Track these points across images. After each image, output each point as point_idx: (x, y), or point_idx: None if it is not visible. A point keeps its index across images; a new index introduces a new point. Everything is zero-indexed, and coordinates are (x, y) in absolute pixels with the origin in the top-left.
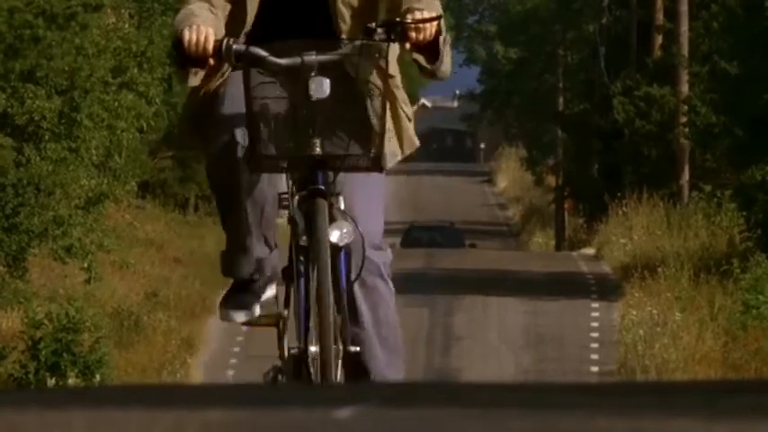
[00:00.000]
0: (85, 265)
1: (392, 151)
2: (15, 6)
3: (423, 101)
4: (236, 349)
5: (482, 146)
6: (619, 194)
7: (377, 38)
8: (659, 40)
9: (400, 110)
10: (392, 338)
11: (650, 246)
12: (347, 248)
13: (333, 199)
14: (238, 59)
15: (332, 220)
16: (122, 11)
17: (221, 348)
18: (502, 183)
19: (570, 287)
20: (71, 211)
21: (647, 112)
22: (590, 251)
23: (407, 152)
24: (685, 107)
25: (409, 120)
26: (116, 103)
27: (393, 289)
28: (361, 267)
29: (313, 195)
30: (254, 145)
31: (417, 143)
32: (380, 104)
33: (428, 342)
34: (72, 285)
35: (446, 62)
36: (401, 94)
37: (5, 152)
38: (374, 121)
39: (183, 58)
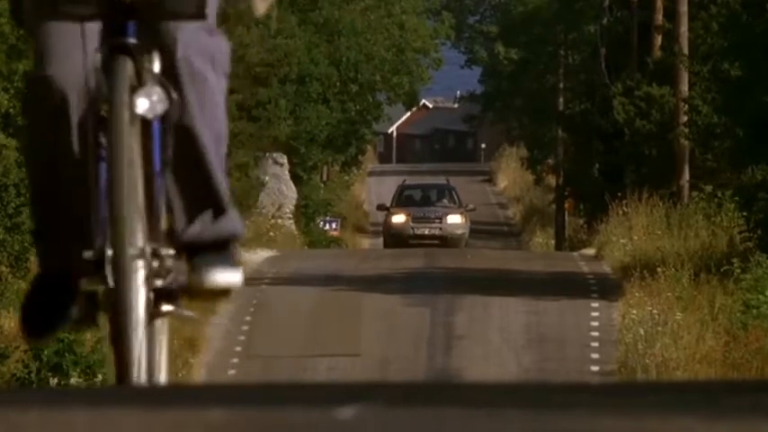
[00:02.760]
0: None
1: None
2: None
3: (424, 102)
4: (238, 349)
5: (483, 146)
6: (619, 194)
7: None
8: (659, 40)
9: None
10: (218, 137)
11: (650, 246)
12: (166, 115)
13: (144, 58)
14: None
15: (141, 84)
16: None
17: (223, 348)
18: (502, 182)
19: (571, 287)
20: None
21: (647, 112)
22: (590, 251)
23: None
24: (685, 107)
25: None
26: None
27: (225, 86)
28: (178, 43)
29: (114, 50)
30: None
31: None
32: None
33: (429, 342)
34: None
35: None
36: None
37: (8, 152)
38: None
39: None
